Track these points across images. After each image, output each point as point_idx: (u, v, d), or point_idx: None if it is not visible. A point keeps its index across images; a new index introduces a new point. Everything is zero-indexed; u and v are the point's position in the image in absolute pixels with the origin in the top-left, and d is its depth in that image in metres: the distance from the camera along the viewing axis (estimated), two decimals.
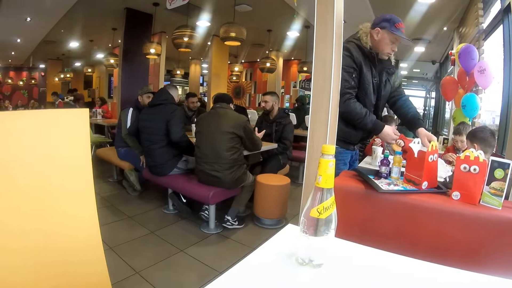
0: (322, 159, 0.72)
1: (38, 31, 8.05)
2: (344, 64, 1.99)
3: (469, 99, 3.47)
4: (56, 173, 1.72)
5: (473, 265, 1.15)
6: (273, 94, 4.31)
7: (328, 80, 1.57)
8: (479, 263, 1.21)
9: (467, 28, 5.18)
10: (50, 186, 1.69)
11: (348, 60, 2.08)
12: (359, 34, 2.17)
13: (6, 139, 1.54)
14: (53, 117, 1.70)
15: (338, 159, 2.27)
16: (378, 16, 2.17)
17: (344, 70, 2.02)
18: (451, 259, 1.17)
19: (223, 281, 0.72)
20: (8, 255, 1.60)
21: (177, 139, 3.45)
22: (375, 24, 2.13)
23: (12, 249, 1.60)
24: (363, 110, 2.10)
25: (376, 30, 2.11)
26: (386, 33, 2.09)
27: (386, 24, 2.07)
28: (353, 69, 2.10)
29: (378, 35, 2.11)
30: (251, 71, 12.67)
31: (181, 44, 5.51)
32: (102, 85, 12.79)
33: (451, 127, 5.01)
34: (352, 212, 1.49)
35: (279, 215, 3.42)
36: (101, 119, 7.26)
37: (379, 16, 2.15)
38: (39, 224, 1.66)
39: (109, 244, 2.77)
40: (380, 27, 2.09)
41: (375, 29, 2.11)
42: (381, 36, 2.11)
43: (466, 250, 1.26)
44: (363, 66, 2.14)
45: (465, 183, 1.31)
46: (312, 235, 0.74)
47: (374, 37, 2.13)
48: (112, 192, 4.38)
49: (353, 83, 2.11)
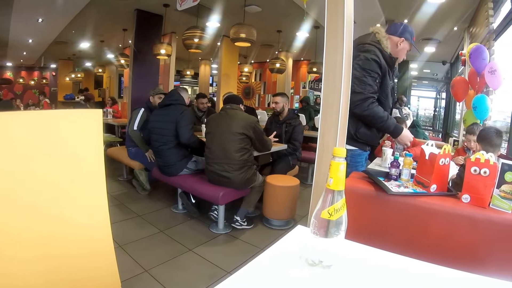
0: (333, 162, 0.73)
1: (49, 31, 8.13)
2: (369, 68, 2.10)
3: (480, 100, 3.43)
4: (70, 172, 1.75)
5: (482, 268, 1.15)
6: (283, 95, 4.32)
7: (339, 82, 1.57)
8: (488, 266, 1.21)
9: (477, 28, 5.12)
10: (64, 184, 1.73)
11: (374, 65, 2.14)
12: (378, 38, 2.22)
13: (22, 139, 1.58)
14: (68, 117, 1.73)
15: (357, 161, 2.32)
16: (396, 23, 2.30)
17: (369, 74, 2.11)
18: (460, 262, 1.18)
19: (233, 281, 0.73)
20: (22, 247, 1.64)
21: (185, 141, 3.48)
22: (398, 33, 2.24)
23: (26, 239, 1.63)
24: (385, 113, 2.18)
25: (401, 39, 2.24)
26: (408, 44, 2.26)
27: (408, 36, 2.24)
28: (378, 74, 2.16)
29: (401, 44, 2.25)
30: (260, 72, 12.67)
31: (191, 45, 5.53)
32: (112, 85, 12.88)
33: (461, 129, 4.96)
34: (361, 214, 1.50)
35: (288, 216, 3.43)
36: (112, 118, 7.36)
37: (398, 23, 2.29)
38: (53, 221, 1.70)
39: (119, 242, 2.81)
40: (404, 38, 2.23)
41: (400, 38, 2.24)
42: (403, 45, 2.26)
43: (475, 254, 1.26)
44: (386, 71, 2.22)
45: (475, 186, 1.30)
46: (323, 236, 0.75)
47: (397, 45, 2.25)
48: (122, 191, 4.43)
49: (376, 87, 2.17)
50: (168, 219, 3.53)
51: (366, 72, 2.11)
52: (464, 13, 5.54)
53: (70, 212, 1.75)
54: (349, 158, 2.32)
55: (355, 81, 2.10)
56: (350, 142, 2.31)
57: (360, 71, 2.12)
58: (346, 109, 1.65)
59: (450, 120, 9.41)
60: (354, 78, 2.10)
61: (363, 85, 2.11)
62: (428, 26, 6.26)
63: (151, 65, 7.22)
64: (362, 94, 2.11)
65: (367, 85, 2.11)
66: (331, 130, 1.58)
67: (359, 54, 2.14)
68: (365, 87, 2.11)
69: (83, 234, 1.82)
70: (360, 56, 2.14)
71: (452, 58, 8.86)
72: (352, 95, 2.09)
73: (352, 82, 2.08)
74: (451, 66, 9.37)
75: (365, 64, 2.12)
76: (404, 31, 2.24)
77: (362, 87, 2.11)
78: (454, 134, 8.01)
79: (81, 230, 1.80)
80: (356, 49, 2.22)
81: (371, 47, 2.16)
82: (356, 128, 2.26)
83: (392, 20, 6.17)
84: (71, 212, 1.76)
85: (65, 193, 1.74)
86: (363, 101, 2.10)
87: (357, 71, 2.11)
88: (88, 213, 1.84)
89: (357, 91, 2.10)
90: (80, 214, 1.80)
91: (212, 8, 6.21)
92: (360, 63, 2.12)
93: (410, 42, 2.26)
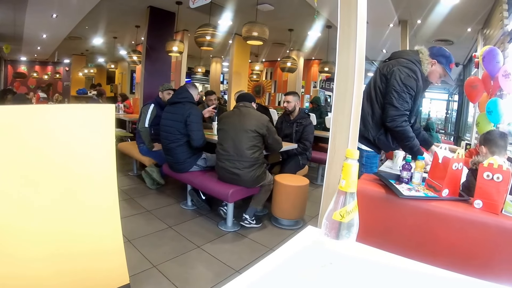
0: (346, 163, 0.72)
1: (63, 27, 8.22)
2: (409, 85, 2.13)
3: (495, 104, 3.38)
4: (82, 167, 1.78)
5: (493, 275, 1.14)
6: (295, 95, 4.31)
7: (351, 83, 1.56)
8: (499, 273, 1.20)
9: (491, 29, 5.04)
10: (75, 177, 1.76)
11: (414, 83, 2.17)
12: (421, 59, 2.24)
13: (39, 132, 1.60)
14: (81, 111, 1.76)
15: (372, 162, 2.37)
16: (435, 46, 2.29)
17: (408, 91, 2.15)
18: (470, 268, 1.17)
19: (243, 280, 0.73)
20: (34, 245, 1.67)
21: (198, 146, 3.52)
22: (433, 55, 2.24)
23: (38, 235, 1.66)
24: (413, 134, 2.22)
25: (433, 61, 2.23)
26: (441, 68, 2.25)
27: (443, 60, 2.22)
28: (414, 93, 2.19)
29: (433, 66, 2.25)
30: (271, 70, 12.64)
31: (204, 43, 5.54)
32: (124, 81, 12.99)
33: (473, 132, 4.90)
34: (371, 216, 1.49)
35: (297, 216, 3.42)
36: (123, 114, 7.45)
37: (437, 47, 2.28)
38: (64, 215, 1.73)
39: (128, 236, 2.83)
40: (437, 61, 2.23)
41: (432, 60, 2.23)
42: (434, 68, 2.26)
43: (487, 260, 1.24)
44: (419, 92, 2.25)
45: (487, 192, 1.29)
46: (334, 238, 0.74)
47: (429, 66, 2.25)
48: (131, 186, 4.47)
49: (410, 106, 2.20)
50: (177, 215, 3.56)
51: (406, 88, 2.14)
52: (478, 15, 5.47)
53: (81, 208, 1.79)
54: (364, 159, 2.35)
55: (394, 94, 2.14)
56: (367, 144, 2.36)
57: (400, 85, 2.14)
58: (358, 110, 1.64)
59: (463, 123, 9.30)
60: (393, 91, 2.14)
61: (401, 101, 2.14)
62: (441, 27, 6.21)
63: (163, 62, 7.27)
64: (399, 110, 2.14)
65: (404, 102, 2.14)
66: (343, 131, 1.58)
67: (400, 68, 2.17)
68: (402, 103, 2.14)
69: (93, 230, 1.85)
70: (402, 70, 2.16)
71: (465, 60, 8.76)
72: (389, 107, 2.15)
73: (389, 92, 2.13)
74: (463, 68, 9.27)
75: (406, 80, 2.15)
76: (439, 54, 2.24)
77: (400, 102, 2.14)
78: (466, 137, 7.91)
79: (91, 226, 1.84)
80: (395, 60, 2.26)
81: (413, 66, 2.19)
82: (376, 134, 2.31)
83: (405, 20, 6.13)
84: (82, 208, 1.79)
85: (77, 186, 1.77)
86: (399, 117, 2.14)
87: (398, 84, 2.14)
88: (99, 210, 1.87)
89: (395, 105, 2.13)
90: (90, 211, 1.83)
91: (225, 6, 6.23)
92: (402, 77, 2.14)
93: (443, 67, 2.24)
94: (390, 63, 2.29)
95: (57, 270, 1.70)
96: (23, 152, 1.53)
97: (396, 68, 2.18)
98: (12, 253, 1.54)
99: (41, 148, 1.59)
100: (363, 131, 2.25)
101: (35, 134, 1.57)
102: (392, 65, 2.23)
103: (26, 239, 1.58)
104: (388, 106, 2.16)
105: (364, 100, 2.24)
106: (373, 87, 2.31)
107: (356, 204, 0.74)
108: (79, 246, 1.78)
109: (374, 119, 2.30)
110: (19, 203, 1.53)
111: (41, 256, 1.64)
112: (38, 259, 1.63)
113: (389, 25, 6.36)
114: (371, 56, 9.35)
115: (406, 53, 2.30)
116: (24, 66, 14.58)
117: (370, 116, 2.31)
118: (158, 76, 7.07)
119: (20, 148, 1.52)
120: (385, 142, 2.33)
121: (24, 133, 1.53)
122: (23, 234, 1.57)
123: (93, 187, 1.82)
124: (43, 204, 1.61)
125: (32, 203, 1.58)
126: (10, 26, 8.32)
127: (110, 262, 1.94)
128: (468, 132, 8.31)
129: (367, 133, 2.32)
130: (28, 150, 1.54)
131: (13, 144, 1.49)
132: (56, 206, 1.67)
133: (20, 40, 9.96)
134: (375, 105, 2.28)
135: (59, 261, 1.71)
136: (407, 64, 2.19)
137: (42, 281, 1.65)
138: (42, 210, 1.62)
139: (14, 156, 1.49)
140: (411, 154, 2.27)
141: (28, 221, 1.58)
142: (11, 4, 6.52)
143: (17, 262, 1.56)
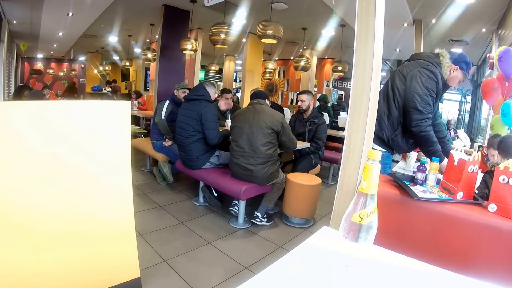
0: (367, 164, 0.73)
1: (79, 25, 8.34)
2: (430, 87, 2.12)
3: (509, 107, 3.33)
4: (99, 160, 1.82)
5: (507, 280, 1.14)
6: (309, 93, 4.31)
7: (368, 83, 1.56)
8: None
9: (506, 30, 4.94)
10: (91, 173, 1.79)
11: (434, 84, 2.16)
12: (441, 62, 2.23)
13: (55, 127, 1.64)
14: (98, 108, 1.80)
15: (385, 162, 2.35)
16: (456, 52, 2.29)
17: (430, 94, 2.13)
18: (483, 272, 1.16)
19: (258, 279, 0.73)
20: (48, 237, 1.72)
21: (214, 144, 3.56)
22: (455, 61, 2.22)
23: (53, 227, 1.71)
24: (435, 138, 2.20)
25: (455, 67, 2.22)
26: (462, 74, 2.24)
27: (464, 66, 2.22)
28: (435, 94, 2.19)
29: (454, 72, 2.24)
30: (284, 69, 12.58)
31: (218, 41, 5.56)
32: (138, 78, 13.08)
33: (487, 135, 4.82)
34: (385, 217, 1.49)
35: (308, 215, 3.43)
36: (137, 110, 7.54)
37: (458, 53, 2.27)
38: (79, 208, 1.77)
39: (139, 231, 2.86)
40: (459, 67, 2.22)
41: (454, 66, 2.22)
42: (455, 74, 2.24)
43: (500, 265, 1.24)
44: (438, 95, 2.25)
45: (502, 196, 1.28)
46: (352, 240, 0.75)
47: (450, 71, 2.24)
48: (144, 181, 4.53)
49: (432, 108, 2.19)
50: (189, 211, 3.59)
51: (428, 91, 2.12)
52: (493, 15, 5.39)
53: (95, 203, 1.82)
54: None
55: (417, 97, 2.12)
56: (381, 145, 2.35)
57: (422, 88, 2.12)
58: (374, 111, 1.64)
59: (475, 125, 9.16)
60: (416, 94, 2.12)
61: (424, 104, 2.12)
62: (455, 27, 6.13)
63: (177, 60, 7.32)
64: (423, 114, 2.12)
65: (427, 105, 2.12)
66: (359, 132, 1.58)
67: (421, 70, 2.16)
68: (425, 107, 2.12)
69: (107, 225, 1.88)
70: (423, 72, 2.15)
71: (479, 60, 8.63)
72: (413, 111, 2.13)
73: (411, 95, 2.12)
74: (477, 69, 9.12)
75: (427, 82, 2.13)
76: (461, 60, 2.22)
77: (423, 105, 2.12)
78: (479, 139, 7.79)
79: (105, 222, 1.87)
80: (415, 62, 2.25)
81: (434, 68, 2.17)
82: (391, 135, 2.29)
83: (420, 20, 6.07)
84: (97, 203, 1.83)
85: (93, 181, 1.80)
86: (423, 122, 2.13)
87: (420, 87, 2.12)
88: (113, 205, 1.91)
89: (418, 109, 2.11)
90: (105, 205, 1.86)
91: (239, 4, 6.24)
92: (423, 80, 2.13)
93: (464, 73, 2.23)
94: (410, 63, 2.27)
95: (69, 262, 1.75)
96: (38, 147, 1.57)
97: (417, 70, 2.16)
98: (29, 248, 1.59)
99: (56, 143, 1.63)
100: (377, 130, 2.23)
101: (52, 129, 1.61)
102: (412, 66, 2.22)
103: (41, 231, 1.63)
104: (412, 110, 2.12)
105: (381, 100, 2.21)
106: (391, 87, 2.28)
107: (376, 207, 0.74)
108: (92, 241, 1.82)
109: (390, 119, 2.27)
110: (33, 199, 1.57)
111: (54, 249, 1.69)
112: (51, 253, 1.68)
113: (403, 25, 6.30)
114: (385, 55, 9.23)
115: (426, 55, 2.27)
116: (41, 63, 14.81)
117: (386, 116, 2.28)
118: (172, 74, 7.14)
119: (36, 144, 1.56)
120: (399, 144, 2.31)
121: (37, 128, 1.56)
122: (38, 227, 1.61)
123: (109, 183, 1.86)
124: (57, 200, 1.66)
125: (47, 197, 1.62)
126: (27, 24, 8.47)
127: (122, 256, 1.98)
128: (480, 135, 8.18)
129: (382, 133, 2.30)
130: (44, 146, 1.58)
131: (30, 139, 1.53)
132: (71, 200, 1.71)
133: (37, 38, 10.12)
134: (392, 105, 2.25)
135: (72, 255, 1.76)
136: (427, 66, 2.17)
137: (54, 272, 1.70)
138: (57, 205, 1.66)
139: (29, 151, 1.53)
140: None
141: (42, 216, 1.62)
142: (28, 3, 6.64)
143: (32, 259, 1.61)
